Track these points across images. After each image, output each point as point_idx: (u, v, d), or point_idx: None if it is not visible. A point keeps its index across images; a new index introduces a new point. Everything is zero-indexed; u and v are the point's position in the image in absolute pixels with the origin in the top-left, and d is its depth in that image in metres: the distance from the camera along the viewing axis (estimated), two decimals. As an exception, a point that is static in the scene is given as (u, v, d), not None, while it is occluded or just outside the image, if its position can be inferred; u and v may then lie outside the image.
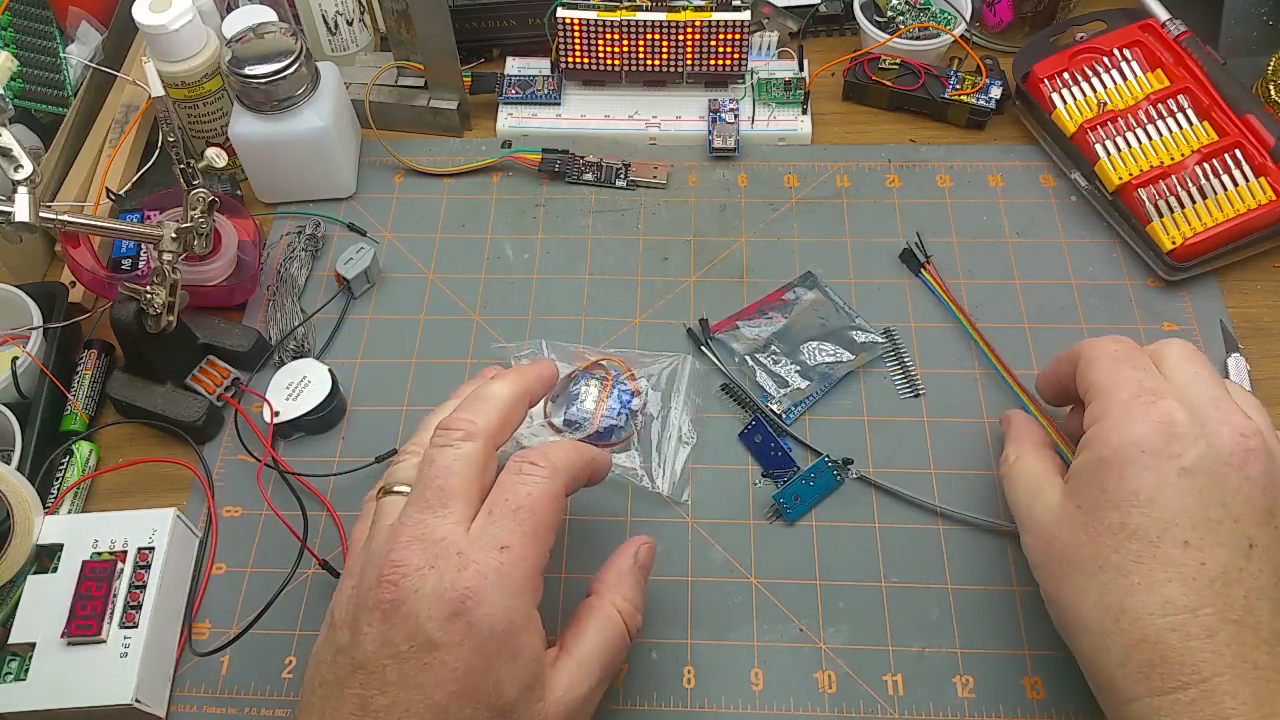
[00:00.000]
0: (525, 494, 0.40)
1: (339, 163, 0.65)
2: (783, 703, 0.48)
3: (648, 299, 0.62)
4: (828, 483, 0.53)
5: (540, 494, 0.40)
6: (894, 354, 0.58)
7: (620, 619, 0.43)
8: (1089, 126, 0.63)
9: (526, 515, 0.40)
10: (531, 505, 0.40)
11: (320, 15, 0.69)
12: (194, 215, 0.54)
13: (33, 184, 0.49)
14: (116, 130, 0.67)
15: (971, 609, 0.50)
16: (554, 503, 0.41)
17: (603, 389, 0.56)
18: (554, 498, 0.41)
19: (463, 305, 0.62)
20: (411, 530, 0.39)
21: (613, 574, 0.45)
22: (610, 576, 0.44)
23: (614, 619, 0.43)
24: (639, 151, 0.69)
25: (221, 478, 0.56)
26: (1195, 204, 0.60)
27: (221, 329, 0.59)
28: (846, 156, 0.68)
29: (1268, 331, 0.59)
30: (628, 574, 0.45)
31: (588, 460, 0.44)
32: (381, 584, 0.38)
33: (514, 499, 0.40)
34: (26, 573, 0.49)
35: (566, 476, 0.42)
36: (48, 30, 0.70)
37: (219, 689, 0.49)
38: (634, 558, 0.45)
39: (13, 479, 0.50)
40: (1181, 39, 0.65)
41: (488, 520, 0.40)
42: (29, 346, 0.56)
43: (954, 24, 0.71)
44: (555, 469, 0.41)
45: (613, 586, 0.44)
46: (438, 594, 0.37)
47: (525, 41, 0.72)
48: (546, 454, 0.42)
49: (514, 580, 0.38)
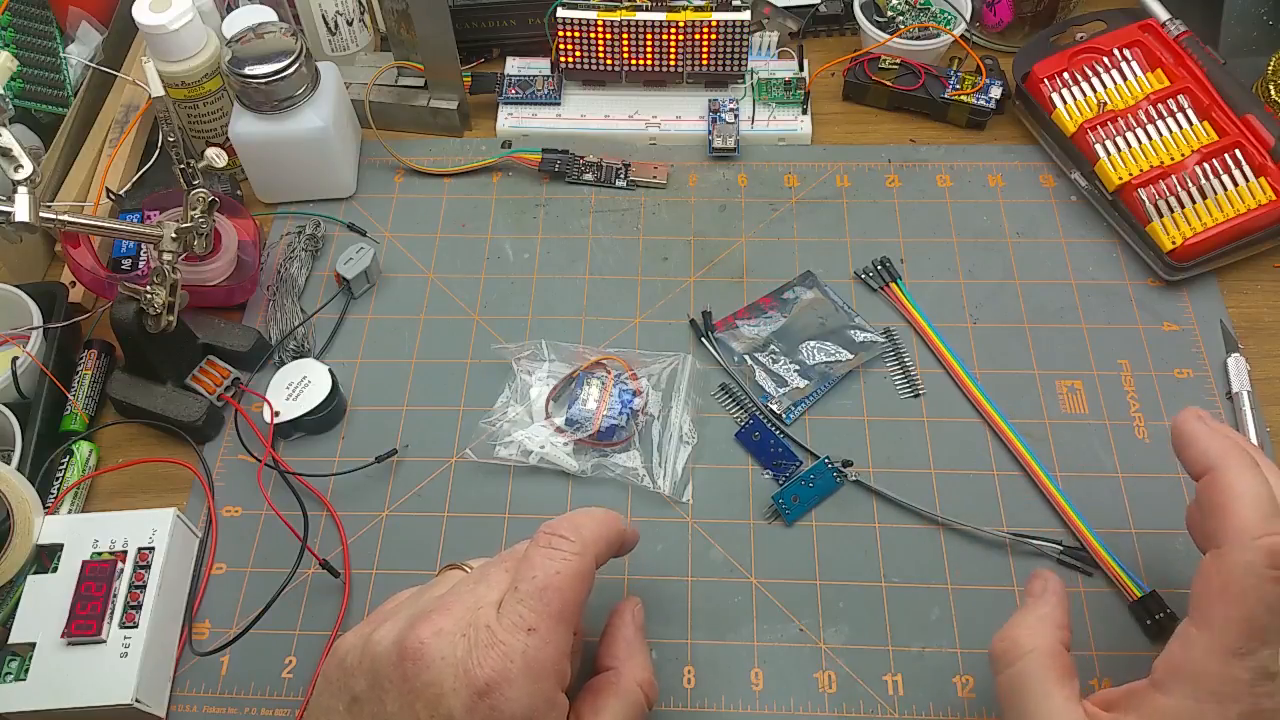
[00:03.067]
0: (553, 573, 0.38)
1: (339, 163, 0.65)
2: (783, 703, 0.48)
3: (648, 299, 0.62)
4: (827, 484, 0.53)
5: (569, 573, 0.38)
6: (894, 354, 0.58)
7: (642, 695, 0.42)
8: (1089, 126, 0.63)
9: (554, 596, 0.38)
10: (559, 585, 0.38)
11: (320, 15, 0.69)
12: (194, 215, 0.54)
13: (33, 184, 0.49)
14: (116, 130, 0.67)
15: (971, 609, 0.50)
16: (583, 583, 0.39)
17: (604, 389, 0.56)
18: (582, 578, 0.39)
19: (463, 305, 0.62)
20: (458, 596, 0.38)
21: (622, 646, 0.43)
22: (621, 649, 0.43)
23: (636, 696, 0.42)
24: (639, 151, 0.69)
25: (221, 478, 0.56)
26: (1195, 204, 0.60)
27: (221, 329, 0.59)
28: (846, 156, 0.68)
29: (1268, 331, 0.59)
30: (635, 643, 0.44)
31: (618, 533, 0.42)
32: (411, 635, 0.37)
33: (541, 577, 0.38)
34: (26, 573, 0.49)
35: (596, 552, 0.40)
36: (48, 30, 0.70)
37: (219, 689, 0.49)
38: (633, 622, 0.45)
39: (13, 479, 0.50)
40: (1181, 39, 0.65)
41: (514, 598, 0.38)
42: (29, 346, 0.56)
43: (954, 24, 0.71)
44: (586, 545, 0.40)
45: (627, 659, 0.43)
46: (464, 668, 0.36)
47: (525, 41, 0.72)
48: (578, 528, 0.40)
49: (539, 665, 0.37)
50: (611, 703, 0.41)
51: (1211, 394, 0.56)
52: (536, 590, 0.38)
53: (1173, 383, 0.57)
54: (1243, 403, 0.55)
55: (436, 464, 0.56)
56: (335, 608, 0.51)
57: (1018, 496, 0.53)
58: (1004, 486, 0.54)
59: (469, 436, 0.56)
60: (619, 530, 0.42)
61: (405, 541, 0.53)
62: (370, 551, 0.53)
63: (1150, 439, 0.55)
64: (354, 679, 0.38)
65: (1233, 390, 0.56)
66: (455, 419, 0.57)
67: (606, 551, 0.41)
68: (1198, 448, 0.40)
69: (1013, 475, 0.54)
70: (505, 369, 0.58)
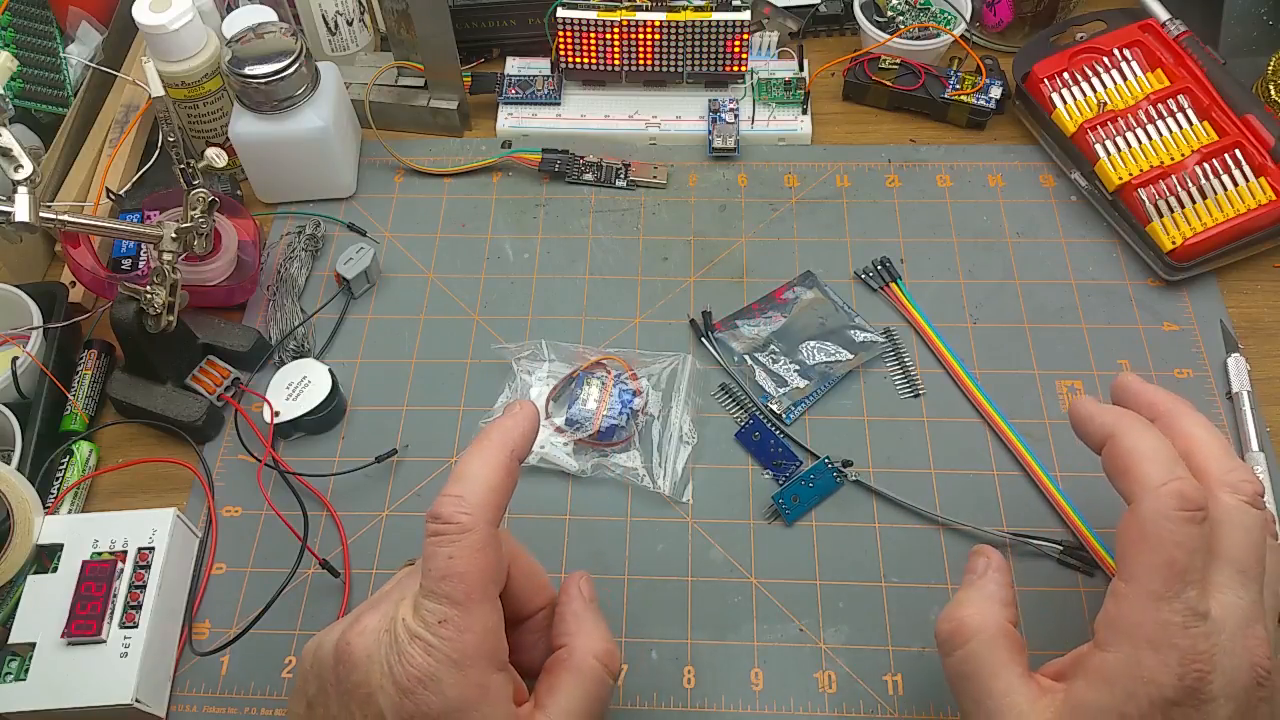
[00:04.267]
0: (446, 558, 0.36)
1: (339, 163, 0.65)
2: (783, 703, 0.48)
3: (648, 299, 0.62)
4: (827, 484, 0.53)
5: (464, 553, 0.36)
6: (894, 354, 0.58)
7: (600, 666, 0.40)
8: (1089, 126, 0.63)
9: (455, 583, 0.36)
10: (458, 571, 0.36)
11: (320, 15, 0.69)
12: (194, 215, 0.54)
13: (33, 184, 0.49)
14: (116, 130, 0.67)
15: (971, 609, 0.50)
16: (483, 553, 0.36)
17: (604, 389, 0.56)
18: (480, 549, 0.36)
19: (463, 305, 0.62)
20: (388, 591, 0.38)
21: (570, 621, 0.41)
22: (570, 624, 0.41)
23: (592, 668, 0.39)
24: (639, 151, 0.69)
25: (221, 478, 0.56)
26: (1195, 204, 0.60)
27: (221, 329, 0.59)
28: (846, 156, 0.68)
29: (1268, 331, 0.59)
30: (584, 615, 0.41)
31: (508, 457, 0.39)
32: (342, 636, 0.37)
33: (436, 568, 0.36)
34: (26, 573, 0.49)
35: (491, 511, 0.37)
36: (48, 30, 0.70)
37: (219, 689, 0.49)
38: (580, 595, 0.42)
39: (13, 479, 0.50)
40: (1181, 39, 0.65)
41: (421, 594, 0.36)
42: (29, 346, 0.56)
43: (954, 24, 0.71)
44: (473, 512, 0.36)
45: (577, 634, 0.40)
46: (388, 665, 0.35)
47: (525, 41, 0.72)
48: (462, 497, 0.37)
49: (460, 654, 0.35)
50: (565, 679, 0.39)
51: (1211, 394, 0.56)
52: (436, 582, 0.36)
53: (1173, 383, 0.57)
54: (1243, 403, 0.55)
55: (436, 464, 0.56)
56: (335, 608, 0.51)
57: (1018, 496, 0.53)
58: (1004, 486, 0.54)
59: (469, 436, 0.56)
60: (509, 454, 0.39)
61: (405, 541, 0.53)
62: (370, 551, 0.53)
63: (1150, 439, 0.55)
64: (308, 683, 0.38)
65: (1233, 390, 0.56)
66: (455, 419, 0.57)
67: (502, 499, 0.38)
68: (1094, 422, 0.42)
69: (1013, 475, 0.54)
70: (505, 369, 0.59)
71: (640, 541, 0.53)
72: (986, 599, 0.41)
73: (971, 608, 0.40)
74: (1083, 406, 0.43)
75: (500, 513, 0.38)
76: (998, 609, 0.40)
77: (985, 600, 0.40)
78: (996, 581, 0.41)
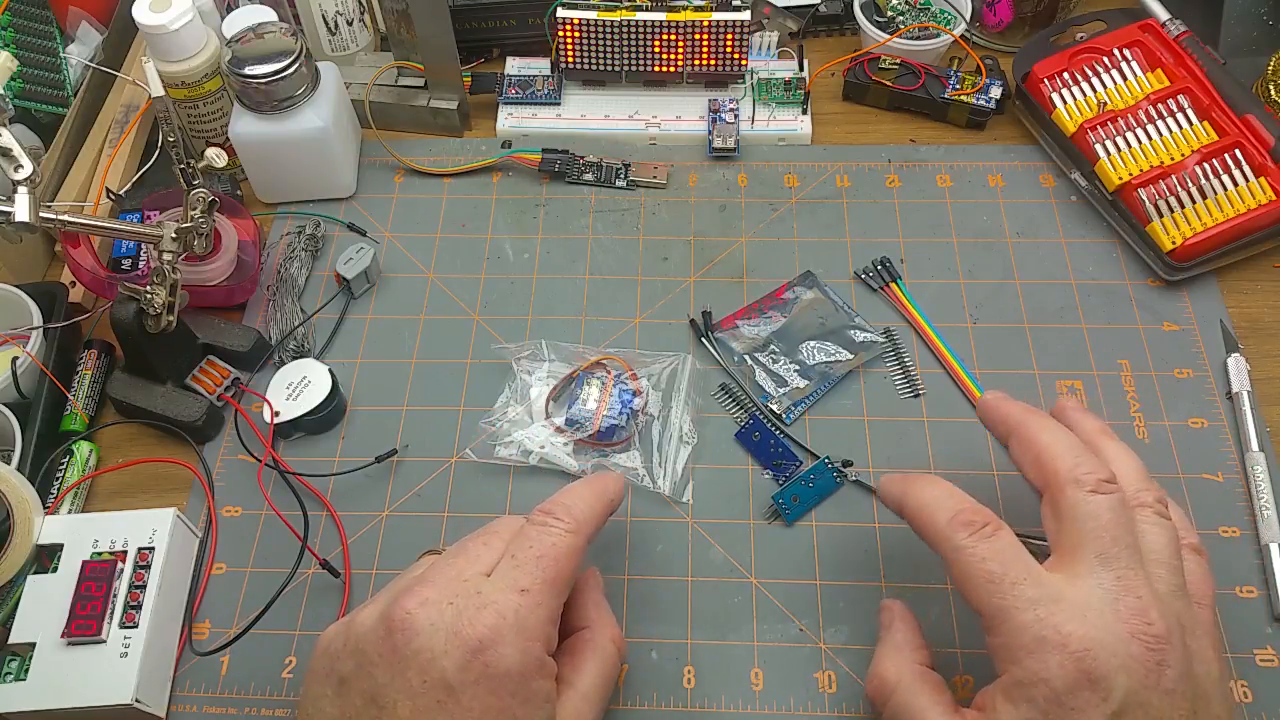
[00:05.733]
0: (549, 544, 0.41)
1: (339, 163, 0.65)
2: (783, 703, 0.48)
3: (648, 299, 0.62)
4: (827, 484, 0.53)
5: (564, 547, 0.41)
6: (894, 354, 0.58)
7: (615, 649, 0.44)
8: (1089, 126, 0.63)
9: (550, 564, 0.40)
10: (555, 555, 0.40)
11: (320, 15, 0.69)
12: (194, 215, 0.54)
13: (33, 184, 0.49)
14: (116, 130, 0.67)
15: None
16: (575, 558, 0.41)
17: (604, 389, 0.56)
18: (576, 553, 0.41)
19: (463, 305, 0.62)
20: (439, 570, 0.40)
21: (592, 607, 0.45)
22: (591, 610, 0.45)
23: (611, 650, 0.44)
24: (639, 151, 0.69)
25: (221, 478, 0.56)
26: (1195, 204, 0.60)
27: (221, 329, 0.59)
28: (846, 156, 0.68)
29: (1268, 331, 0.59)
30: (604, 603, 0.46)
31: (608, 504, 0.45)
32: (396, 609, 0.38)
33: (538, 547, 0.41)
34: (26, 573, 0.49)
35: (590, 530, 0.43)
36: (48, 30, 0.70)
37: (219, 689, 0.49)
38: (599, 587, 0.46)
39: (13, 479, 0.50)
40: (1181, 39, 0.65)
41: (510, 564, 0.40)
42: (29, 346, 0.56)
43: (954, 24, 0.71)
44: (579, 523, 0.42)
45: (598, 618, 0.45)
46: (454, 630, 0.37)
47: (525, 41, 0.72)
48: (570, 508, 0.43)
49: (531, 625, 0.38)
50: (590, 658, 0.43)
51: (1211, 394, 0.56)
52: (533, 558, 0.40)
53: (1173, 383, 0.57)
54: (1243, 403, 0.55)
55: (436, 464, 0.56)
56: (335, 608, 0.51)
57: (1018, 496, 0.53)
58: (1004, 486, 0.54)
59: (469, 436, 0.56)
60: (608, 503, 0.45)
61: (405, 541, 0.53)
62: (370, 551, 0.53)
63: (1150, 439, 0.55)
64: (340, 662, 0.39)
65: (1233, 390, 0.56)
66: (455, 419, 0.57)
67: (598, 527, 0.44)
68: (999, 414, 0.46)
69: (1013, 475, 0.54)
70: (505, 369, 0.59)
71: (640, 541, 0.53)
72: (897, 650, 0.43)
73: (887, 661, 0.43)
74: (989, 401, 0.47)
75: (591, 538, 0.43)
76: (909, 655, 0.43)
77: (896, 652, 0.43)
78: (902, 631, 0.44)
